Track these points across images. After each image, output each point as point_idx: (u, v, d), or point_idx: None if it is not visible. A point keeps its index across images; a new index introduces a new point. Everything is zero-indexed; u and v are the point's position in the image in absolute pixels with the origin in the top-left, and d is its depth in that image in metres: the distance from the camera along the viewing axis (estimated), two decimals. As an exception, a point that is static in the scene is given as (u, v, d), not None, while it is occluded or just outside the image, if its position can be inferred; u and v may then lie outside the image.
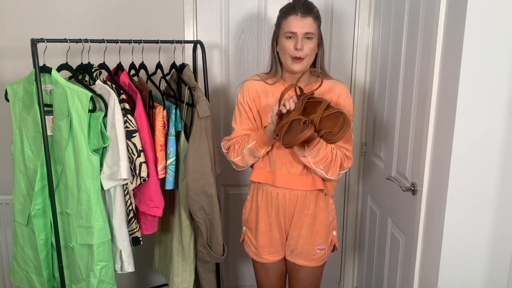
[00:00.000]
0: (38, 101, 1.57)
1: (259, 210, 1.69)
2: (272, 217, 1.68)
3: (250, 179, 1.71)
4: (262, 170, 1.67)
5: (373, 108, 2.14)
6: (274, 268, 1.76)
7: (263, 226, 1.69)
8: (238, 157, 1.64)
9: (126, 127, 1.62)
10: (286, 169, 1.64)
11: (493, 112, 1.30)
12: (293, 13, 1.50)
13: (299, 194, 1.65)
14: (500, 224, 1.38)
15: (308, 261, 1.69)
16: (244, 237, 1.80)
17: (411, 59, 1.65)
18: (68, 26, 2.08)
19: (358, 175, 2.36)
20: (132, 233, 1.76)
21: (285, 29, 1.52)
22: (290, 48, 1.52)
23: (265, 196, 1.68)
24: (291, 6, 1.53)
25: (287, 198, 1.66)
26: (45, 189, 1.68)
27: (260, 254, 1.72)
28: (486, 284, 1.44)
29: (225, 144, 1.70)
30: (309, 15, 1.51)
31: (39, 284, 1.79)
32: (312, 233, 1.67)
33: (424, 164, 1.50)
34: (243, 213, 1.79)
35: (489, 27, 1.25)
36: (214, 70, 2.23)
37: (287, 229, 1.70)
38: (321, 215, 1.67)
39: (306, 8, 1.51)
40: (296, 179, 1.64)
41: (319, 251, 1.69)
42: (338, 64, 2.26)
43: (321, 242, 1.69)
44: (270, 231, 1.70)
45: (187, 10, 2.13)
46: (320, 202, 1.67)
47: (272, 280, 1.78)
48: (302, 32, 1.50)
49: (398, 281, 1.79)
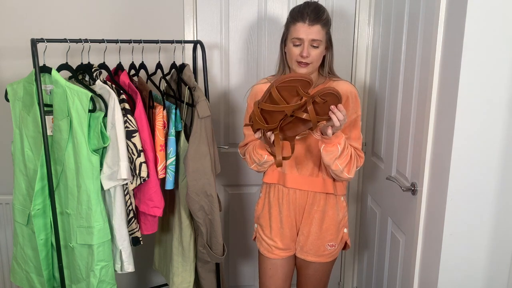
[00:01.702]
0: (38, 101, 1.57)
1: (271, 207, 1.72)
2: (283, 214, 1.70)
3: (263, 180, 1.75)
4: (274, 172, 1.70)
5: (373, 108, 2.14)
6: (284, 266, 1.75)
7: (275, 223, 1.72)
8: (253, 164, 1.66)
9: (126, 127, 1.62)
10: (296, 170, 1.66)
11: (493, 112, 1.30)
12: (301, 20, 1.49)
13: (309, 193, 1.67)
14: (500, 224, 1.38)
15: (318, 257, 1.70)
16: (256, 234, 1.82)
17: (411, 59, 1.65)
18: (68, 26, 2.08)
19: (358, 175, 2.36)
20: (132, 233, 1.76)
21: (293, 34, 1.52)
22: (296, 54, 1.52)
23: (276, 194, 1.71)
24: (301, 12, 1.51)
25: (298, 194, 1.68)
26: (45, 189, 1.68)
27: (272, 250, 1.74)
28: (486, 284, 1.44)
29: (241, 151, 1.76)
30: (317, 23, 1.49)
31: (39, 284, 1.79)
32: (321, 230, 1.68)
33: (424, 164, 1.50)
34: (255, 210, 1.81)
35: (489, 27, 1.25)
36: (214, 70, 2.23)
37: (298, 225, 1.72)
38: (331, 212, 1.68)
39: (315, 15, 1.50)
40: (306, 180, 1.66)
41: (329, 248, 1.70)
42: (338, 64, 2.23)
43: (331, 239, 1.69)
44: (281, 228, 1.72)
45: (187, 10, 2.13)
46: (330, 199, 1.68)
47: (278, 281, 1.76)
48: (308, 39, 1.50)
49: (398, 281, 1.79)
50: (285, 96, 1.34)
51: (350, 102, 1.60)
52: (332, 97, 1.34)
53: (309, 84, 1.33)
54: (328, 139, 1.46)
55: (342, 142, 1.48)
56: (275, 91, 1.32)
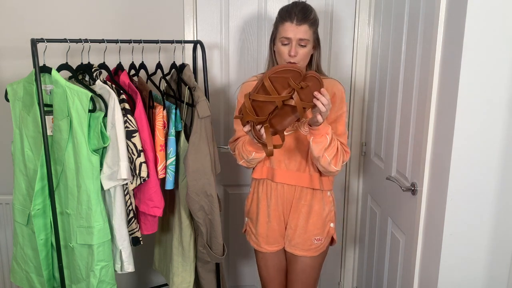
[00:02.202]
0: (38, 101, 1.57)
1: (260, 201, 1.76)
2: (271, 208, 1.74)
3: (252, 176, 1.78)
4: (263, 167, 1.74)
5: (373, 108, 2.14)
6: (274, 259, 1.81)
7: (262, 217, 1.75)
8: (242, 160, 1.69)
9: (126, 127, 1.62)
10: (284, 165, 1.70)
11: (493, 112, 1.30)
12: (289, 20, 1.54)
13: (297, 188, 1.71)
14: (500, 224, 1.38)
15: (305, 251, 1.73)
16: (246, 227, 1.87)
17: (411, 59, 1.65)
18: (68, 26, 2.08)
19: (358, 175, 2.36)
20: (132, 233, 1.76)
21: (281, 34, 1.57)
22: (285, 53, 1.57)
23: (265, 188, 1.75)
24: (289, 11, 1.56)
25: (285, 188, 1.72)
26: (45, 189, 1.68)
27: (259, 244, 1.79)
28: (486, 284, 1.44)
29: (231, 146, 1.78)
30: (304, 23, 1.54)
31: (39, 284, 1.79)
32: (308, 224, 1.71)
33: (424, 164, 1.50)
34: (245, 205, 1.86)
35: (489, 27, 1.25)
36: (214, 70, 2.23)
37: (286, 219, 1.75)
38: (317, 206, 1.71)
39: (303, 15, 1.54)
40: (294, 175, 1.70)
41: (316, 241, 1.73)
42: (338, 64, 2.26)
43: (318, 233, 1.73)
44: (269, 222, 1.75)
45: (187, 10, 2.13)
46: (317, 193, 1.72)
47: (271, 272, 1.83)
48: (296, 38, 1.54)
49: (398, 281, 1.79)
50: (277, 88, 1.37)
51: (336, 99, 1.64)
52: (313, 81, 1.37)
53: (300, 75, 1.36)
54: (317, 130, 1.49)
55: (329, 132, 1.52)
56: (268, 81, 1.35)
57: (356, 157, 2.34)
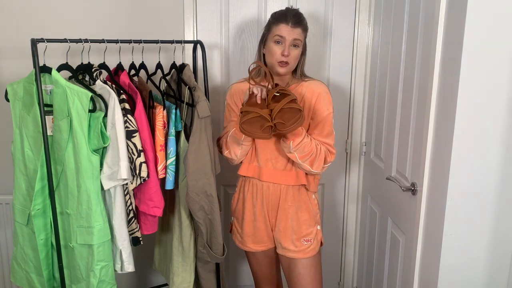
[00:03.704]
0: (38, 101, 1.57)
1: (245, 201, 1.78)
2: (257, 208, 1.76)
3: (238, 173, 1.80)
4: (250, 165, 1.77)
5: (373, 108, 2.14)
6: (262, 257, 1.85)
7: (248, 216, 1.78)
8: (227, 150, 1.74)
9: (126, 127, 1.62)
10: (271, 164, 1.72)
11: (493, 112, 1.30)
12: (284, 22, 1.59)
13: (282, 187, 1.73)
14: (500, 224, 1.38)
15: (296, 253, 1.74)
16: (232, 227, 1.90)
17: (411, 59, 1.65)
18: (68, 26, 2.08)
19: (358, 175, 2.36)
20: (132, 233, 1.76)
21: (275, 33, 1.61)
22: (278, 53, 1.61)
23: (251, 188, 1.77)
24: (283, 14, 1.61)
25: (271, 189, 1.74)
26: (45, 189, 1.68)
27: (245, 243, 1.82)
28: (486, 284, 1.44)
29: (218, 142, 1.82)
30: (298, 27, 1.61)
31: (39, 284, 1.79)
32: (297, 224, 1.73)
33: (424, 164, 1.50)
34: (231, 204, 1.89)
35: (489, 27, 1.25)
36: (214, 70, 2.23)
37: (272, 221, 1.77)
38: (304, 207, 1.74)
39: (297, 19, 1.60)
40: (281, 174, 1.72)
41: (305, 243, 1.74)
42: (338, 64, 2.26)
43: (307, 234, 1.74)
44: (255, 221, 1.77)
45: (187, 10, 2.13)
46: (303, 196, 1.75)
47: (262, 268, 1.88)
48: (290, 38, 1.59)
49: (398, 281, 1.80)
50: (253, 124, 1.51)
51: (321, 99, 1.67)
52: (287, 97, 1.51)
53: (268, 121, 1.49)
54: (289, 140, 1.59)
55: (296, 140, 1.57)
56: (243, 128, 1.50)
57: (356, 157, 2.34)
